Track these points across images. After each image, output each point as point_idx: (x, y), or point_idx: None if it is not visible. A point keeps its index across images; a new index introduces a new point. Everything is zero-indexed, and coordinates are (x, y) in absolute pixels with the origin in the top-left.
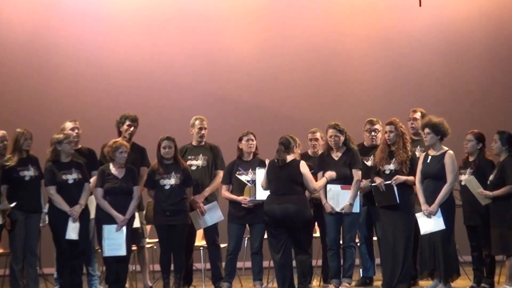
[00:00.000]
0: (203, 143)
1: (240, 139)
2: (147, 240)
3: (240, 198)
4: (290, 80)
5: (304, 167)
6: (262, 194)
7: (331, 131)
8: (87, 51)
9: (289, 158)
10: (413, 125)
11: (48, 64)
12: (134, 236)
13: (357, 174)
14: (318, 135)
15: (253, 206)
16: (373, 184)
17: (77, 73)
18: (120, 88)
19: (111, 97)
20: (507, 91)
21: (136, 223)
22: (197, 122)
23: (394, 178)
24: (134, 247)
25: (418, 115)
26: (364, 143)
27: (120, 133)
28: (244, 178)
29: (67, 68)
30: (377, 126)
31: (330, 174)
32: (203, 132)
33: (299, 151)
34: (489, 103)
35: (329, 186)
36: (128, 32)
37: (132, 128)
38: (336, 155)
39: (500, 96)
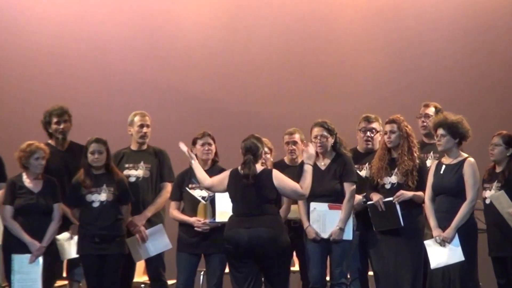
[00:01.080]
0: (145, 146)
1: (194, 143)
2: None
3: (192, 219)
4: (260, 64)
5: (278, 178)
6: (222, 215)
7: (316, 130)
8: None
9: (258, 168)
10: (425, 124)
11: None
12: (72, 269)
13: (350, 189)
14: (297, 137)
15: (210, 230)
16: (369, 202)
17: None
18: (34, 74)
19: (20, 87)
20: None
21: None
22: (136, 118)
23: (397, 194)
24: (63, 282)
25: (431, 110)
26: (358, 147)
27: (50, 135)
28: (198, 193)
29: None
30: (374, 125)
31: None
32: (145, 131)
33: (271, 159)
34: None
35: (313, 205)
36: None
37: (62, 125)
38: (322, 163)
39: None
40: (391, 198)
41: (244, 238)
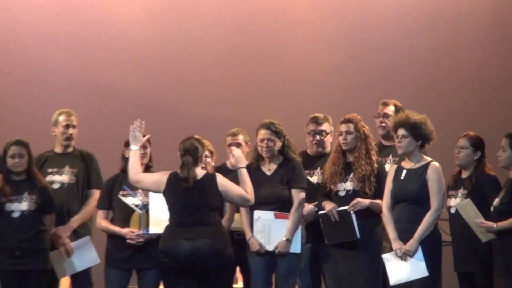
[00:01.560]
0: (70, 149)
1: (128, 144)
2: None
3: (125, 230)
4: (200, 60)
5: (222, 183)
6: (158, 226)
7: (263, 133)
8: None
9: (199, 173)
10: (384, 124)
11: None
12: None
13: (299, 196)
14: (241, 138)
15: (144, 243)
16: (321, 212)
17: None
18: None
19: None
20: None
21: None
22: (61, 118)
23: (353, 202)
24: None
25: (390, 109)
26: (308, 150)
27: None
28: (131, 201)
29: None
30: (324, 127)
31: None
32: (70, 131)
33: (212, 163)
34: (491, 96)
35: (257, 213)
36: None
37: None
38: (268, 168)
39: (506, 88)
40: (346, 207)
41: (185, 250)
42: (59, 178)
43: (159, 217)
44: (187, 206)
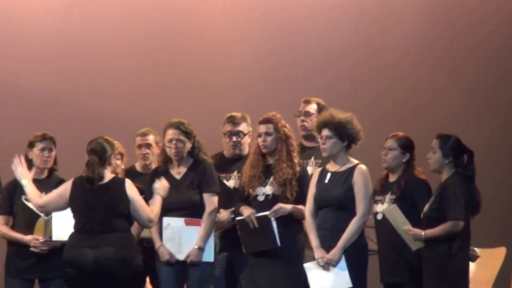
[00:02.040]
0: None
1: (32, 145)
2: None
3: (28, 237)
4: (106, 49)
5: (131, 188)
6: (62, 232)
7: (171, 133)
8: None
9: (107, 176)
10: (305, 124)
11: None
12: None
13: (211, 201)
14: (151, 139)
15: (48, 251)
16: (238, 218)
17: None
18: None
19: None
20: (451, 77)
21: None
22: None
23: (275, 208)
24: None
25: (313, 108)
26: (224, 152)
27: None
28: None
29: None
30: (241, 127)
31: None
32: None
33: (122, 165)
34: (422, 96)
35: (166, 220)
36: None
37: None
38: (177, 172)
39: (438, 89)
40: (266, 213)
41: (89, 259)
42: None
43: (64, 223)
44: (93, 211)
